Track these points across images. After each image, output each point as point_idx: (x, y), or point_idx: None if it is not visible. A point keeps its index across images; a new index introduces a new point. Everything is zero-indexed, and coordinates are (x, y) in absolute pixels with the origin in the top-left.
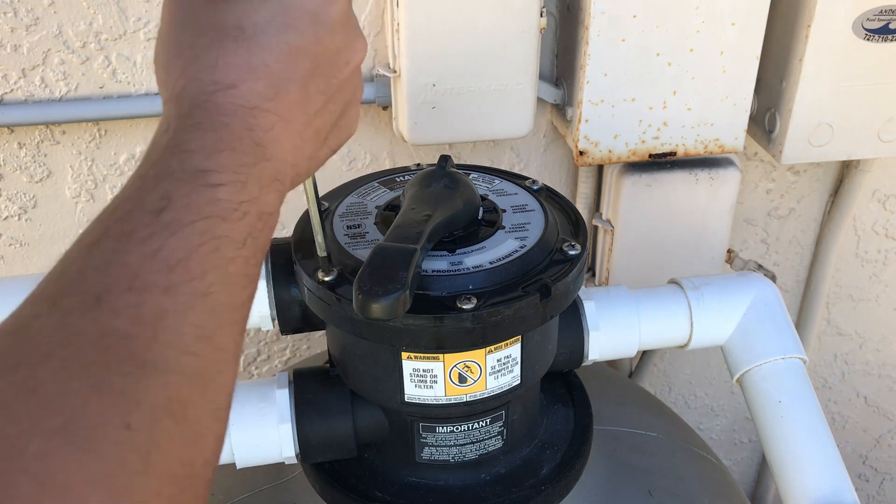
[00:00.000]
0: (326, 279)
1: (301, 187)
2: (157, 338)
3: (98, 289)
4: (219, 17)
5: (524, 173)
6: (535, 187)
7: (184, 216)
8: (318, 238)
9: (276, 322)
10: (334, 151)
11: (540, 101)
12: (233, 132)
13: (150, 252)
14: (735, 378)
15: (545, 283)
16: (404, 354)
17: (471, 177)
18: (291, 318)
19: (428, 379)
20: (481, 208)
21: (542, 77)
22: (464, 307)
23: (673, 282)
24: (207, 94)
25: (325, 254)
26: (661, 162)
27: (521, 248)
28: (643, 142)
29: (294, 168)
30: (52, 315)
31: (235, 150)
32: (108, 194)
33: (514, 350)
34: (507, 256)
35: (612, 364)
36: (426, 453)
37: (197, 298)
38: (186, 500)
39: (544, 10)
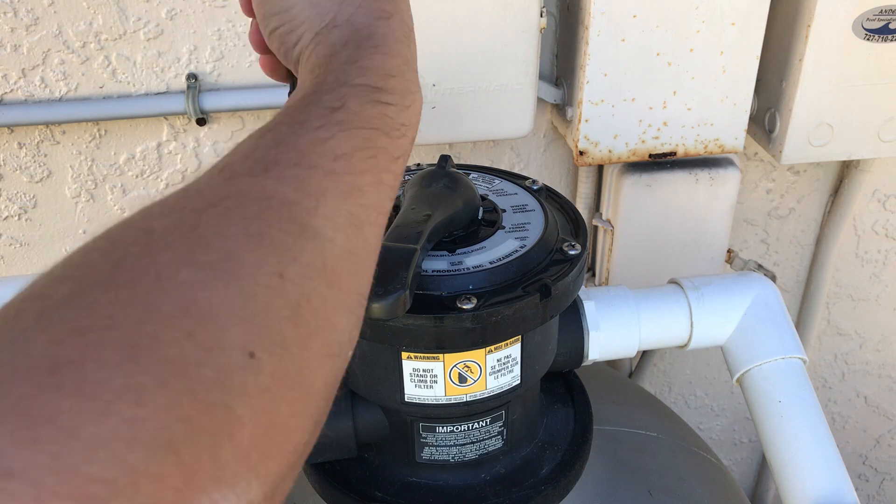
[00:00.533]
0: None
1: None
2: (318, 209)
3: (267, 160)
4: None
5: (524, 173)
6: (535, 187)
7: (354, 120)
8: None
9: None
10: None
11: (540, 101)
12: (405, 60)
13: (319, 139)
14: (735, 378)
15: (545, 283)
16: (404, 354)
17: (471, 177)
18: None
19: (428, 379)
20: (481, 208)
21: (542, 77)
22: (464, 307)
23: (673, 282)
24: (380, 20)
25: None
26: (661, 162)
27: (521, 248)
28: (643, 142)
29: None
30: (221, 176)
31: (405, 77)
32: (108, 194)
33: (514, 350)
34: (507, 256)
35: (612, 364)
36: (426, 453)
37: (353, 190)
38: (331, 368)
39: (544, 10)
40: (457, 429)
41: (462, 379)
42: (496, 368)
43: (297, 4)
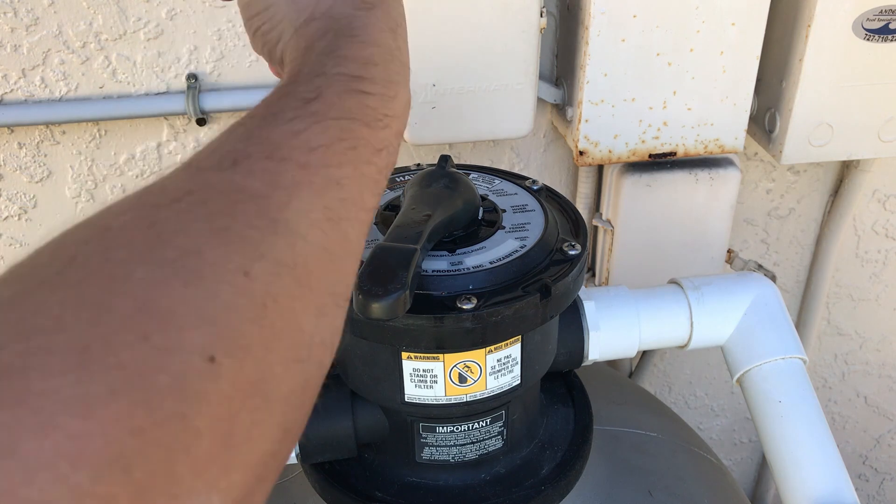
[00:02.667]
0: None
1: None
2: (291, 203)
3: (236, 154)
4: None
5: (524, 173)
6: (535, 187)
7: (331, 110)
8: None
9: None
10: None
11: (540, 101)
12: (388, 50)
13: (293, 131)
14: (735, 378)
15: (545, 283)
16: (404, 354)
17: (471, 177)
18: None
19: (428, 379)
20: (481, 208)
21: (542, 77)
22: (464, 307)
23: (673, 282)
24: (359, 10)
25: None
26: (661, 162)
27: (521, 248)
28: (643, 142)
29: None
30: (186, 172)
31: (389, 67)
32: (108, 194)
33: (514, 350)
34: (507, 256)
35: (612, 364)
36: (426, 453)
37: (330, 184)
38: (299, 373)
39: (544, 10)
40: (457, 429)
41: (462, 379)
42: (496, 368)
43: (276, 3)
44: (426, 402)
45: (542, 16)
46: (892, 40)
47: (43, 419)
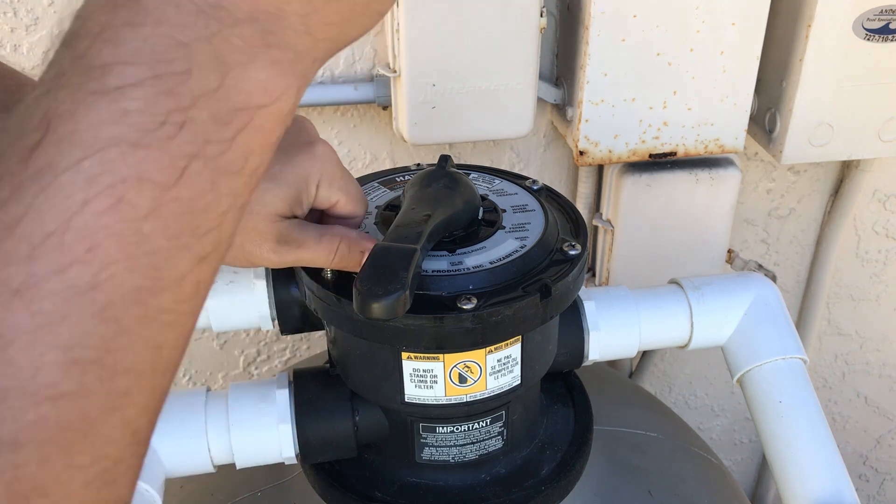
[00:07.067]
0: (327, 279)
1: None
2: None
3: None
4: None
5: (524, 173)
6: (535, 187)
7: (63, 154)
8: None
9: (276, 322)
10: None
11: (540, 101)
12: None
13: (5, 226)
14: (735, 378)
15: (545, 283)
16: (404, 354)
17: (471, 177)
18: (291, 319)
19: (428, 379)
20: (481, 208)
21: (542, 77)
22: (464, 307)
23: (673, 282)
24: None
25: None
26: (662, 162)
27: (522, 248)
28: (643, 142)
29: (304, 19)
30: None
31: (162, 24)
32: None
33: (514, 350)
34: (507, 256)
35: (612, 364)
36: (426, 453)
37: (75, 298)
38: None
39: (544, 10)
40: (457, 429)
41: (462, 379)
42: (496, 369)
43: None
44: (426, 402)
45: (542, 16)
46: (892, 40)
47: None
